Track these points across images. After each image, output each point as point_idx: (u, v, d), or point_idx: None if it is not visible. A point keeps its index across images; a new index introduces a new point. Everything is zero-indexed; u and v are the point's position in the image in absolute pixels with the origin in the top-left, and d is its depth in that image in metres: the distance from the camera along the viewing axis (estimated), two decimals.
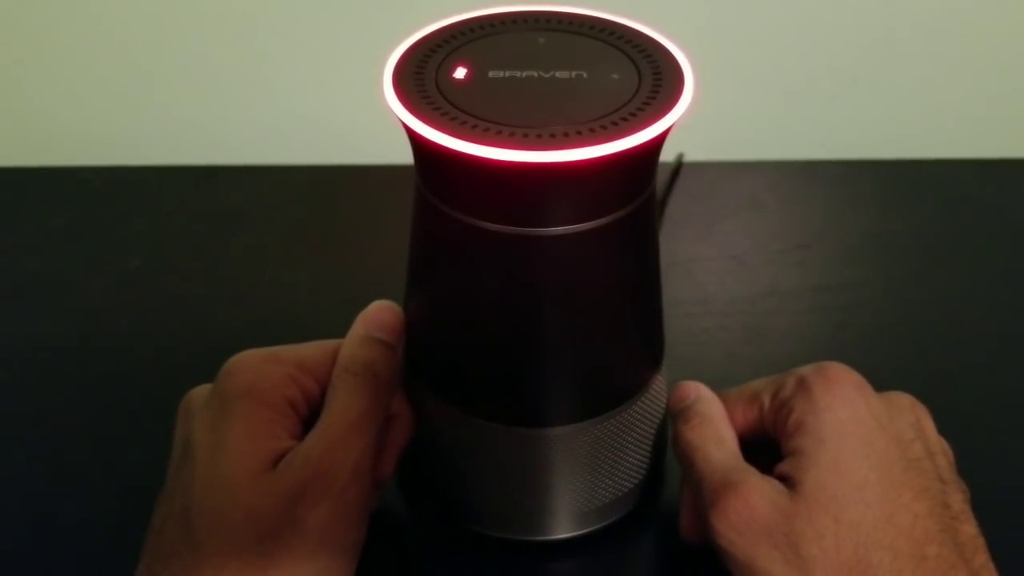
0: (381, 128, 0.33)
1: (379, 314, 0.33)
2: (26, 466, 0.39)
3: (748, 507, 0.29)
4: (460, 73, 0.29)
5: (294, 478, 0.29)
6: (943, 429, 0.32)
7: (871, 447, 0.30)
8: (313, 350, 0.33)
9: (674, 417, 0.35)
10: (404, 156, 0.30)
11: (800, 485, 0.29)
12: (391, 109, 0.27)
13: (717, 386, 0.35)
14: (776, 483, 0.30)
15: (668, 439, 0.38)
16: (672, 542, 0.36)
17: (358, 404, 0.31)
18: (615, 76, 0.29)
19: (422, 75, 0.28)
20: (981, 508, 0.30)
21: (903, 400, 0.32)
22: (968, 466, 0.32)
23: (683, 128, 0.28)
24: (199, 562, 0.27)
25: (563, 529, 0.35)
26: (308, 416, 0.32)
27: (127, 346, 0.45)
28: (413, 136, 0.28)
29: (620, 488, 0.35)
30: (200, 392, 0.32)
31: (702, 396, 0.35)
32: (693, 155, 0.55)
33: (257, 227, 0.54)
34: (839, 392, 0.31)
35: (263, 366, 0.31)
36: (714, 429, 0.33)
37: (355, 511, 0.30)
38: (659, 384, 0.35)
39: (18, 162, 0.58)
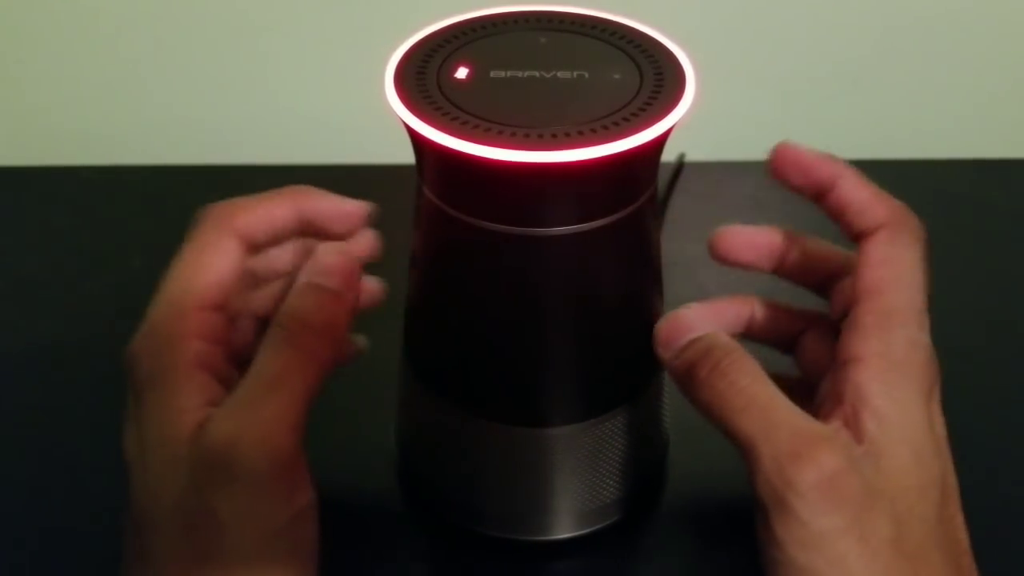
0: (381, 128, 0.33)
1: (322, 258, 0.29)
2: (26, 466, 0.39)
3: (843, 468, 0.26)
4: (461, 73, 0.29)
5: (195, 460, 0.26)
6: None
7: (942, 448, 0.28)
8: (174, 286, 0.30)
9: (690, 355, 0.29)
10: (404, 156, 0.30)
11: (887, 460, 0.27)
12: (392, 109, 0.27)
13: None
14: (856, 446, 0.27)
15: (668, 438, 0.38)
16: (672, 542, 0.36)
17: (275, 362, 0.27)
18: (617, 76, 0.29)
19: (423, 75, 0.28)
20: (980, 509, 0.30)
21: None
22: (968, 467, 0.32)
23: (685, 128, 0.28)
24: (147, 571, 0.27)
25: (564, 529, 0.35)
26: (243, 351, 0.30)
27: (127, 346, 0.45)
28: (414, 136, 0.28)
29: (621, 488, 0.35)
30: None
31: (715, 328, 0.30)
32: (694, 155, 0.55)
33: None
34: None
35: (151, 344, 0.29)
36: (752, 362, 0.28)
37: (275, 491, 0.26)
38: (660, 384, 0.35)
39: (18, 162, 0.58)
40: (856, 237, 0.32)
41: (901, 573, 0.26)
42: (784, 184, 0.34)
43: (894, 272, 0.31)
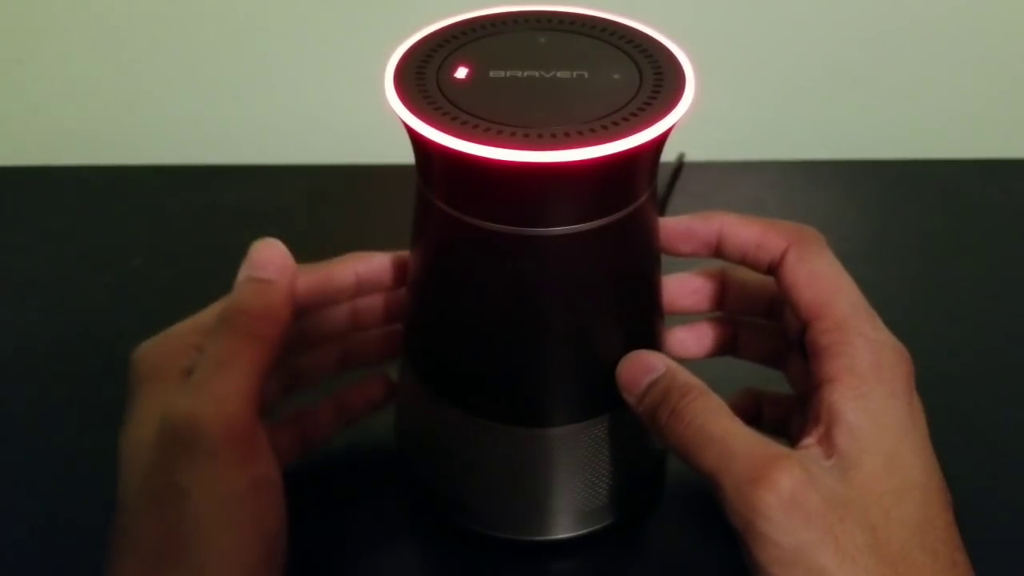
0: (381, 128, 0.33)
1: (254, 253, 0.32)
2: (26, 466, 0.39)
3: (802, 485, 0.26)
4: (461, 73, 0.29)
5: (160, 439, 0.28)
6: (943, 429, 0.32)
7: (924, 449, 0.29)
8: (210, 312, 0.33)
9: (650, 399, 0.30)
10: (404, 156, 0.30)
11: (855, 470, 0.27)
12: (392, 109, 0.27)
13: (719, 386, 0.35)
14: (820, 460, 0.28)
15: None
16: (672, 542, 0.36)
17: (221, 346, 0.30)
18: (616, 76, 0.29)
19: (423, 75, 0.28)
20: (980, 509, 0.30)
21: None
22: (968, 466, 0.32)
23: (684, 128, 0.28)
24: (123, 550, 0.28)
25: (563, 529, 0.35)
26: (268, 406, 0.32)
27: (127, 346, 0.45)
28: (414, 136, 0.28)
29: (620, 488, 0.35)
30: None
31: (671, 365, 0.31)
32: (694, 155, 0.55)
33: (257, 227, 0.54)
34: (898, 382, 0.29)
35: (159, 347, 0.32)
36: (716, 398, 0.29)
37: (232, 457, 0.28)
38: None
39: (18, 162, 0.58)
40: (768, 270, 0.33)
41: None
42: (677, 256, 0.34)
43: (824, 286, 0.31)
